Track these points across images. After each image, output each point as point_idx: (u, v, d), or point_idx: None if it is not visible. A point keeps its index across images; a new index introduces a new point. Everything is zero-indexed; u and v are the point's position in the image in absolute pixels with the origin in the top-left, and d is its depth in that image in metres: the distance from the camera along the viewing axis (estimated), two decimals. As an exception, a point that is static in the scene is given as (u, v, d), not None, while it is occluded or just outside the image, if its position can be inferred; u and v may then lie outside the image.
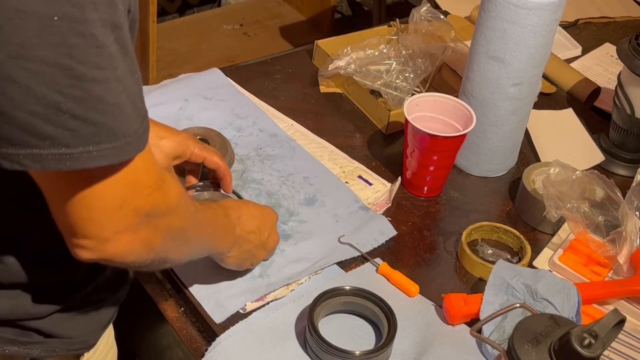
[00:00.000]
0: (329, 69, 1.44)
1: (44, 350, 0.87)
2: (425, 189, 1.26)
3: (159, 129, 1.07)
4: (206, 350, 0.98)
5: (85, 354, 0.93)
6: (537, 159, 1.37)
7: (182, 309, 1.05)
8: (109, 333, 1.00)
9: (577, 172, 1.18)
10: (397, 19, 1.61)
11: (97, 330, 0.93)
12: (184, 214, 0.81)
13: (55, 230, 0.74)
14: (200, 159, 1.11)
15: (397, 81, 1.44)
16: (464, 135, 1.20)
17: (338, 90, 1.48)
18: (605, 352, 1.03)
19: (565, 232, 1.20)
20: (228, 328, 1.00)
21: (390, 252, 1.15)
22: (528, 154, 1.39)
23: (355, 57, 1.45)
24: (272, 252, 1.09)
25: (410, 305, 1.07)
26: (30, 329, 0.85)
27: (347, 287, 1.03)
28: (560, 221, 1.19)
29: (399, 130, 1.37)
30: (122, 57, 0.67)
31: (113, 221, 0.71)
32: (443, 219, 1.24)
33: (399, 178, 1.27)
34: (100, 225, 0.71)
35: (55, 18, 0.61)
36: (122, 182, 0.70)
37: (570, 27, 1.78)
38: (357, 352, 0.96)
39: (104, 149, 0.67)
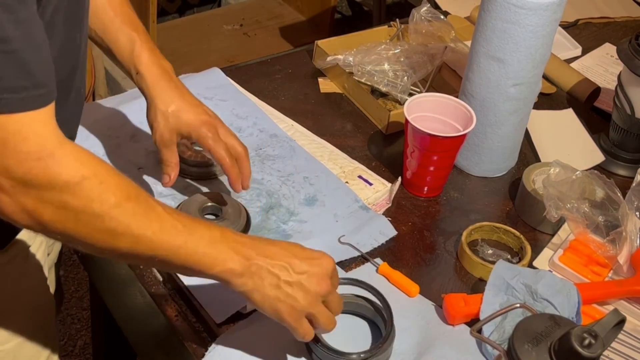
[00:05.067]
0: (327, 60, 1.44)
1: None
2: (425, 189, 1.26)
3: (178, 98, 1.06)
4: (206, 350, 0.98)
5: None
6: (537, 159, 1.37)
7: (182, 309, 1.05)
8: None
9: (577, 172, 1.18)
10: (397, 19, 1.61)
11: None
12: (88, 199, 0.77)
13: None
14: (205, 147, 1.08)
15: (397, 81, 1.44)
16: (464, 135, 1.20)
17: (338, 90, 1.48)
18: (605, 352, 1.03)
19: (565, 232, 1.20)
20: (228, 328, 1.00)
21: (390, 252, 1.15)
22: (528, 154, 1.39)
23: (355, 57, 1.45)
24: (318, 312, 0.90)
25: (410, 306, 1.07)
26: None
27: (345, 280, 1.03)
28: (560, 221, 1.19)
29: (399, 130, 1.37)
30: (12, 24, 0.70)
31: None
32: (443, 219, 1.24)
33: (399, 178, 1.27)
34: None
35: None
36: None
37: (570, 27, 1.78)
38: (354, 355, 0.96)
39: None
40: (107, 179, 0.79)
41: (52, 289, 1.15)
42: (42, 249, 1.08)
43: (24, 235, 1.02)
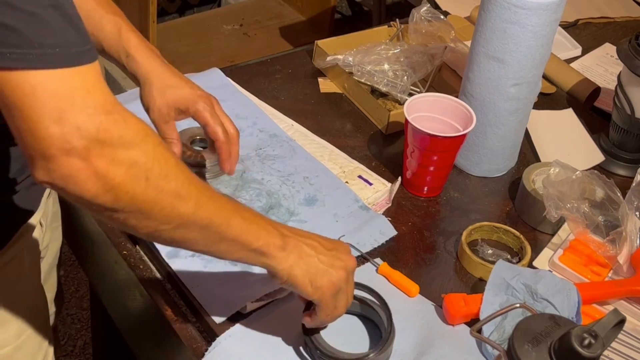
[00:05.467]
0: (327, 60, 1.44)
1: None
2: (425, 189, 1.26)
3: (172, 75, 1.04)
4: (206, 350, 0.98)
5: None
6: (537, 159, 1.37)
7: (182, 309, 1.05)
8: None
9: (577, 172, 1.18)
10: (397, 19, 1.61)
11: None
12: (154, 156, 0.74)
13: None
14: (202, 121, 1.05)
15: (397, 81, 1.44)
16: (464, 135, 1.20)
17: (338, 90, 1.48)
18: (605, 352, 1.03)
19: (565, 232, 1.20)
20: (228, 328, 1.00)
21: (390, 252, 1.15)
22: (528, 154, 1.39)
23: (355, 57, 1.45)
24: (350, 277, 0.93)
25: (410, 306, 1.07)
26: None
27: None
28: (560, 221, 1.19)
29: (399, 130, 1.37)
30: None
31: (53, 136, 0.68)
32: (443, 219, 1.24)
33: (399, 178, 1.27)
34: (41, 140, 0.68)
35: None
36: (53, 94, 0.68)
37: (570, 27, 1.78)
38: (355, 356, 0.96)
39: (17, 54, 0.67)
40: (159, 138, 0.77)
41: (52, 291, 1.15)
42: (40, 250, 1.08)
43: (22, 236, 1.02)
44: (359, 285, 1.02)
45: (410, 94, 1.44)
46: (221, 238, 0.83)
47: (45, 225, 1.10)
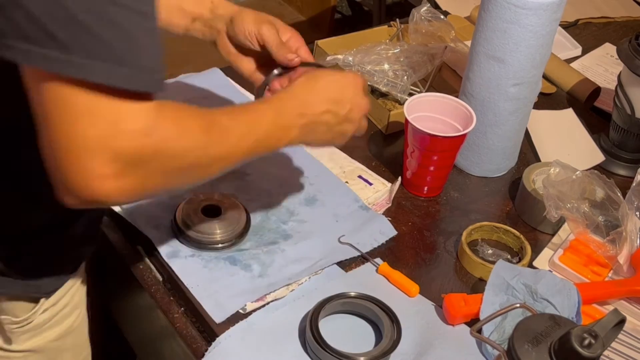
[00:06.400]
0: (327, 60, 1.44)
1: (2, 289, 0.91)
2: (426, 189, 1.26)
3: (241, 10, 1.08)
4: (206, 350, 0.98)
5: (44, 302, 0.96)
6: (537, 159, 1.37)
7: (182, 309, 1.05)
8: (76, 294, 1.02)
9: (577, 172, 1.18)
10: (397, 19, 1.61)
11: (57, 279, 0.96)
12: (184, 152, 0.76)
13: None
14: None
15: (397, 81, 1.44)
16: (464, 135, 1.20)
17: (338, 90, 1.48)
18: (605, 352, 1.03)
19: (565, 232, 1.20)
20: (228, 328, 1.00)
21: (390, 252, 1.15)
22: (528, 154, 1.39)
23: (355, 57, 1.45)
24: (361, 126, 1.04)
25: (410, 306, 1.07)
26: None
27: (353, 293, 1.03)
28: (560, 221, 1.19)
29: (399, 130, 1.37)
30: (154, 6, 0.70)
31: (94, 163, 0.69)
32: (443, 219, 1.24)
33: (399, 178, 1.27)
34: (81, 167, 0.69)
35: None
36: (103, 119, 0.68)
37: (570, 27, 1.78)
38: (361, 358, 0.96)
39: (98, 66, 0.67)
40: (184, 124, 0.77)
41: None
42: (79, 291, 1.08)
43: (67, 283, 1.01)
44: (367, 298, 1.03)
45: (410, 94, 1.44)
46: (247, 158, 0.88)
47: None
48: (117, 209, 1.14)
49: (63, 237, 0.94)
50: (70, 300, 1.01)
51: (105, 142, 0.68)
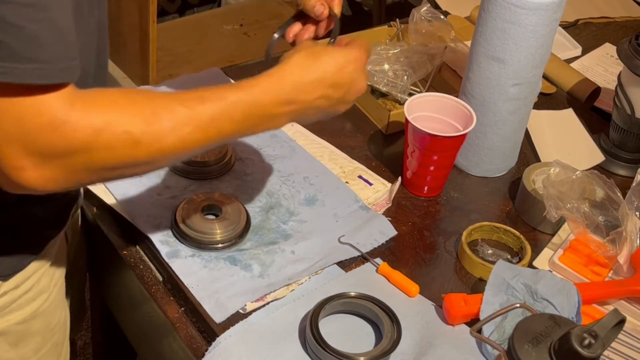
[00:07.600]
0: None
1: None
2: (426, 189, 1.26)
3: None
4: (206, 350, 0.98)
5: (2, 284, 0.95)
6: (537, 159, 1.37)
7: (182, 309, 1.05)
8: (43, 278, 1.01)
9: (577, 172, 1.18)
10: (397, 19, 1.61)
11: (16, 262, 0.95)
12: (107, 145, 0.75)
13: None
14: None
15: (397, 81, 1.44)
16: (464, 135, 1.20)
17: (338, 90, 1.48)
18: (605, 352, 1.03)
19: (565, 232, 1.20)
20: (228, 328, 1.00)
21: (390, 252, 1.15)
22: (528, 154, 1.39)
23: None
24: (360, 89, 0.98)
25: (410, 306, 1.07)
26: None
27: (353, 293, 1.03)
28: (560, 221, 1.19)
29: (399, 130, 1.37)
30: None
31: (9, 156, 0.72)
32: (443, 219, 1.24)
33: (399, 178, 1.27)
34: (0, 160, 0.72)
35: None
36: (9, 115, 0.71)
37: (570, 27, 1.78)
38: (361, 358, 0.96)
39: (4, 67, 0.69)
40: (119, 119, 0.76)
41: (66, 307, 1.14)
42: (64, 263, 1.08)
43: (48, 250, 1.01)
44: (367, 298, 1.03)
45: (410, 94, 1.44)
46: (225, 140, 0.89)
47: (70, 239, 1.11)
48: (117, 209, 1.14)
49: (20, 219, 0.93)
50: (35, 284, 0.99)
51: (13, 137, 0.71)
